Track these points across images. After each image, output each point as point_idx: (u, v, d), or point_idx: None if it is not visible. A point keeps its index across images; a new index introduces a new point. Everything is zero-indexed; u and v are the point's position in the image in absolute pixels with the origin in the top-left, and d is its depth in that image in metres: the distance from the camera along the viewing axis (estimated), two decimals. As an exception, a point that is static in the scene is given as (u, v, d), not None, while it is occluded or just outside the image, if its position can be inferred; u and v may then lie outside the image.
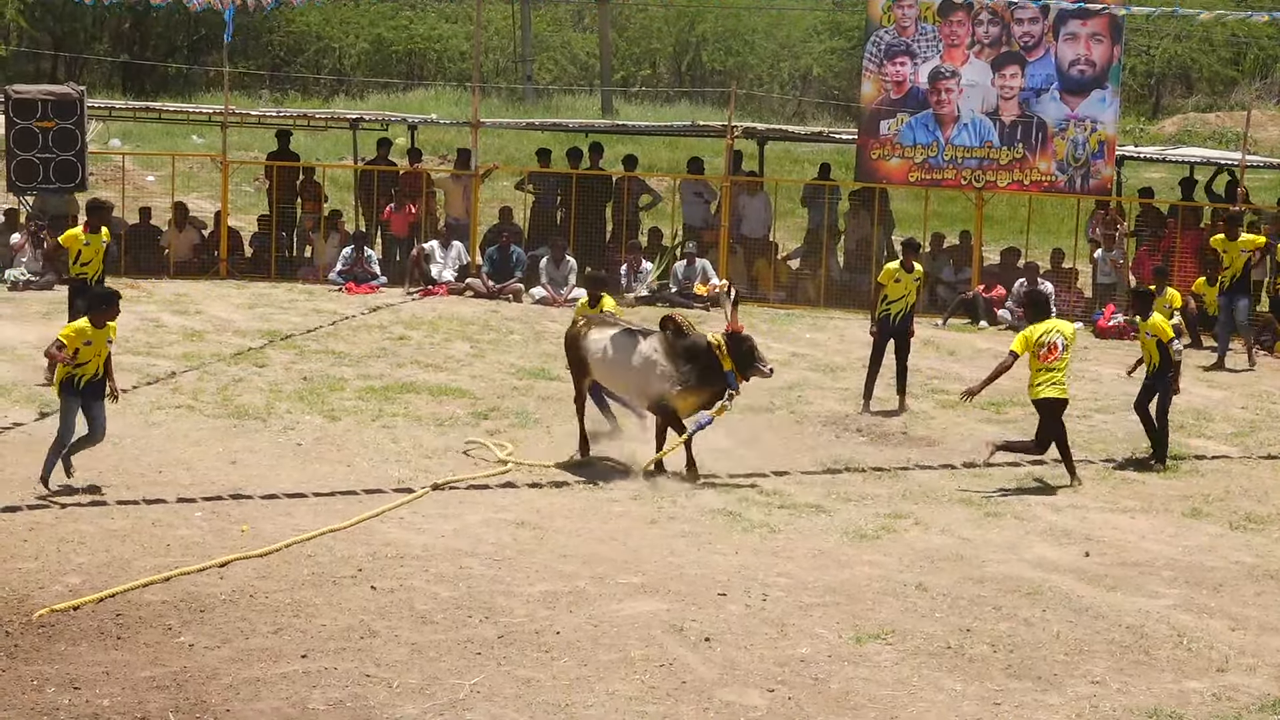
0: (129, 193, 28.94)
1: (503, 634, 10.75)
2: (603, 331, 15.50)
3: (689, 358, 14.94)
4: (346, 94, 47.68)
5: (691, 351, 14.96)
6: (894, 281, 18.05)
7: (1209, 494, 15.03)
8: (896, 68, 25.01)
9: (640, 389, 15.19)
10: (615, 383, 15.58)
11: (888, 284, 18.09)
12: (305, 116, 31.80)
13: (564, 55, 52.49)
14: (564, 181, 26.79)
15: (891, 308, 18.05)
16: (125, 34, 52.41)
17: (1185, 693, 10.12)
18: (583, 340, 15.54)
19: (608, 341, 15.34)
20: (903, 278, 18.06)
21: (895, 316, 18.05)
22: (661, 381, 14.93)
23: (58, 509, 13.26)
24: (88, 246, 17.79)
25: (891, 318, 18.04)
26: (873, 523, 13.69)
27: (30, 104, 24.62)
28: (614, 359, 15.25)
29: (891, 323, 18.05)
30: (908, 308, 18.12)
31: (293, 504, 13.73)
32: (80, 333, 13.72)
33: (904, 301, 18.05)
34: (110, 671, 9.94)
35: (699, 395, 15.00)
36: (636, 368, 15.07)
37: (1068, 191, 25.17)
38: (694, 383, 14.92)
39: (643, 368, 15.02)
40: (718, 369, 14.91)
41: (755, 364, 15.03)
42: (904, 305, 18.06)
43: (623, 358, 15.18)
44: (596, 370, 15.50)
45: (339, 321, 22.39)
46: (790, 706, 9.74)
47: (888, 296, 18.05)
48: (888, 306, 18.05)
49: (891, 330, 18.05)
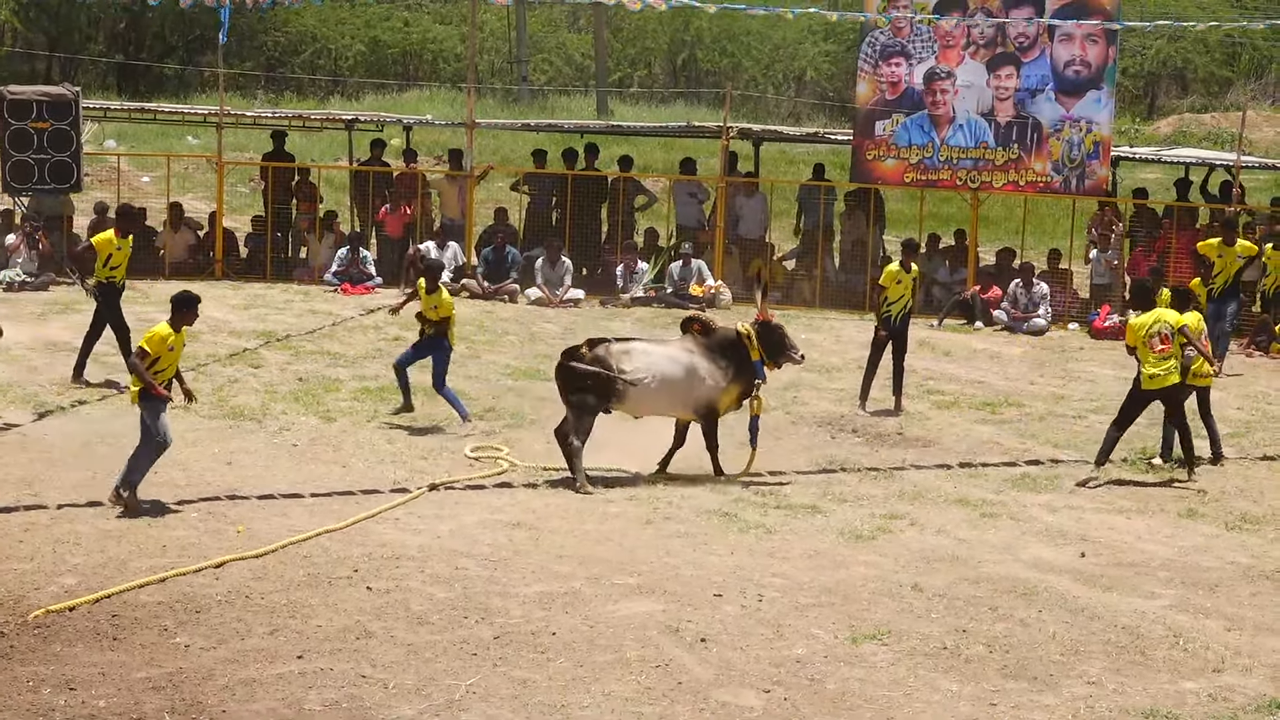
0: (124, 193, 28.90)
1: (499, 635, 10.75)
2: (636, 358, 14.78)
3: (724, 351, 14.98)
4: (342, 95, 47.66)
5: (725, 345, 15.01)
6: (895, 283, 18.11)
7: (1205, 494, 15.04)
8: (892, 68, 25.02)
9: (686, 400, 14.92)
10: (657, 405, 14.97)
11: (889, 285, 18.14)
12: (300, 117, 31.75)
13: (559, 56, 52.47)
14: (559, 182, 26.79)
15: (892, 308, 18.11)
16: (120, 35, 52.35)
17: (1181, 693, 10.13)
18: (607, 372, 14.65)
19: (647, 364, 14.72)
20: (903, 278, 18.12)
21: (895, 317, 18.11)
22: (705, 385, 14.87)
23: (53, 509, 13.26)
24: (119, 251, 17.82)
25: (892, 318, 18.10)
26: (868, 523, 13.69)
27: (25, 105, 24.52)
28: (660, 380, 14.75)
29: (892, 323, 18.10)
30: (906, 308, 18.18)
31: (288, 504, 13.73)
32: (163, 339, 13.38)
33: (903, 302, 18.11)
34: (106, 672, 9.93)
35: (738, 387, 15.06)
36: (682, 380, 14.81)
37: (1063, 192, 25.18)
38: (733, 376, 14.97)
39: (687, 378, 14.83)
40: (749, 360, 14.98)
41: (787, 351, 15.22)
42: (903, 306, 18.12)
43: (669, 374, 14.77)
44: (636, 399, 14.80)
45: (334, 323, 22.38)
46: (786, 707, 9.74)
47: (888, 298, 18.11)
48: (888, 307, 18.12)
49: (891, 331, 18.10)
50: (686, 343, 15.04)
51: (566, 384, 14.75)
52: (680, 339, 15.21)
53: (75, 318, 21.71)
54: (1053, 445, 16.84)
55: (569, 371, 14.72)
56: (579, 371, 14.62)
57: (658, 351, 14.96)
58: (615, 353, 14.76)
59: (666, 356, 14.89)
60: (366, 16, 52.22)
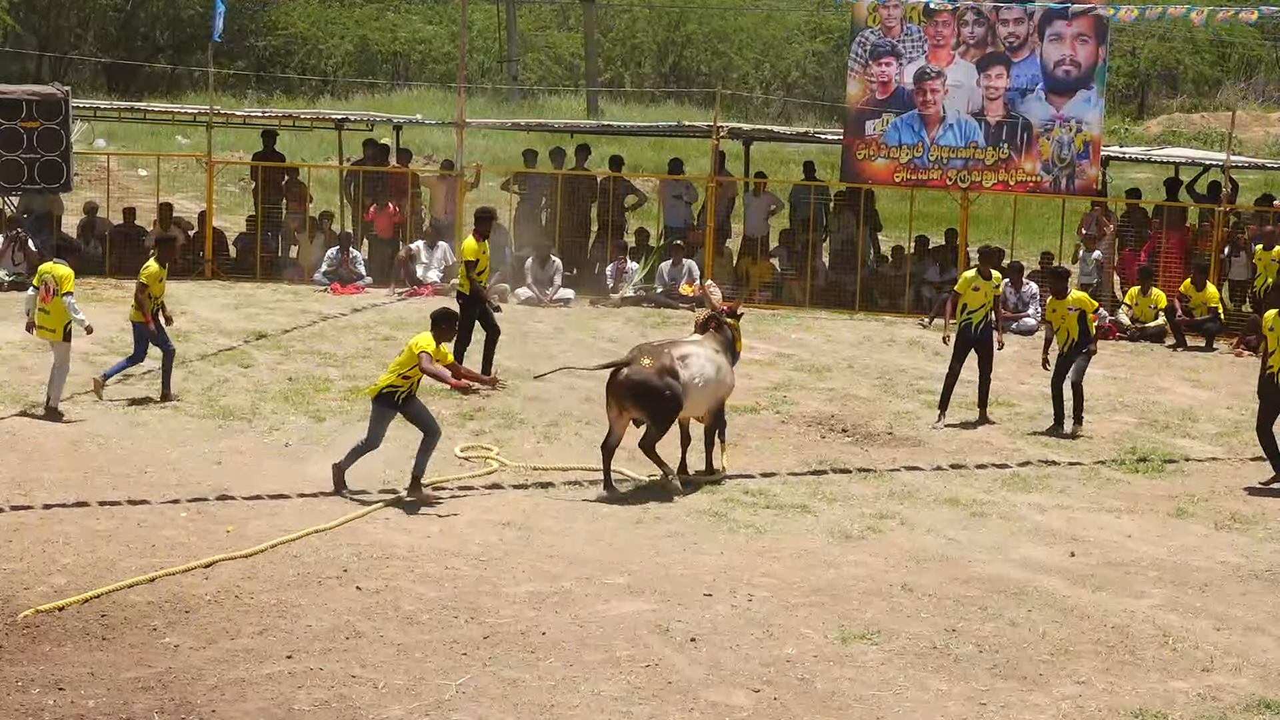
0: (114, 193, 28.87)
1: (489, 634, 10.75)
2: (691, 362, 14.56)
3: (728, 347, 15.20)
4: (332, 95, 47.65)
5: (729, 341, 15.24)
6: (972, 290, 17.62)
7: (1194, 494, 15.06)
8: (882, 68, 25.03)
9: (713, 398, 14.88)
10: (699, 407, 14.83)
11: (965, 292, 17.66)
12: (290, 117, 31.73)
13: (549, 55, 52.48)
14: (549, 182, 26.78)
15: (973, 317, 17.57)
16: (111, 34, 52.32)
17: (1171, 693, 10.14)
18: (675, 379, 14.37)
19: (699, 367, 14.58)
20: (981, 285, 17.62)
21: (976, 326, 17.60)
22: (725, 384, 15.02)
23: (41, 509, 13.24)
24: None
25: (973, 327, 17.60)
26: (859, 523, 13.70)
27: (15, 104, 24.57)
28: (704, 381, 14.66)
29: (973, 332, 17.60)
30: (988, 316, 17.64)
31: (278, 504, 13.71)
32: (442, 352, 13.94)
33: (984, 310, 17.58)
34: (95, 672, 9.92)
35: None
36: (714, 379, 14.79)
37: (1053, 192, 25.20)
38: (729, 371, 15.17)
39: (718, 377, 14.87)
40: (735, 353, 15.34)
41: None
42: (984, 314, 17.59)
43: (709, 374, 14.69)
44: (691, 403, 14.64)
45: (324, 322, 22.36)
46: (776, 707, 9.75)
47: (967, 305, 17.59)
48: (968, 316, 17.58)
49: (973, 340, 17.63)
50: (712, 341, 15.06)
51: (644, 397, 14.31)
52: (697, 340, 15.03)
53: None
54: (1043, 445, 16.84)
55: (642, 386, 14.25)
56: (654, 386, 14.24)
57: (701, 353, 14.78)
58: (676, 359, 14.51)
59: (706, 358, 14.77)
60: (356, 16, 52.22)
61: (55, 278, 16.55)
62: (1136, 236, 25.27)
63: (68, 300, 16.40)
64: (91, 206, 26.79)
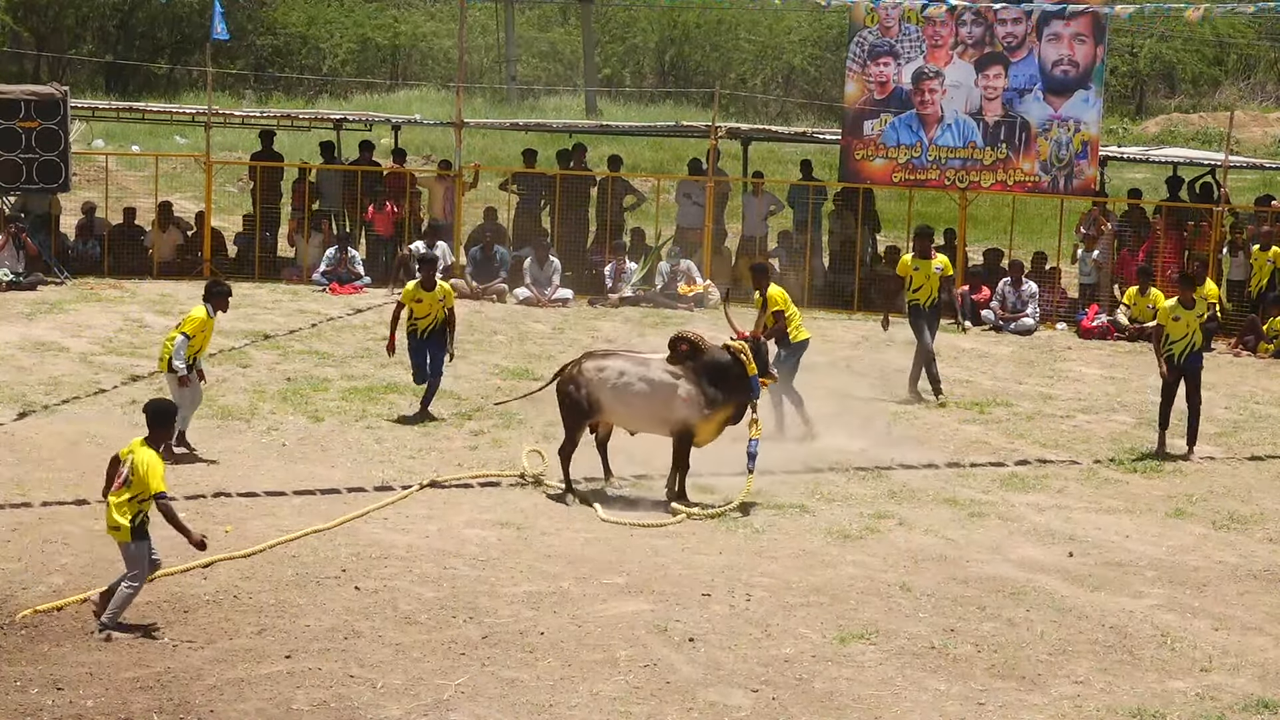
0: (112, 192, 28.87)
1: (487, 634, 10.75)
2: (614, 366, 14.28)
3: (715, 377, 14.07)
4: (331, 95, 47.64)
5: (718, 369, 14.09)
6: (1172, 320, 16.65)
7: (1192, 494, 15.06)
8: (880, 68, 25.04)
9: (661, 417, 14.18)
10: (632, 418, 14.39)
11: (1166, 323, 16.73)
12: (289, 117, 31.73)
13: (548, 55, 52.48)
14: (548, 182, 26.78)
15: (1174, 348, 16.64)
16: (109, 34, 52.31)
17: (1169, 692, 10.14)
18: (588, 378, 14.26)
19: (620, 375, 14.18)
20: (1183, 315, 16.64)
21: (1178, 356, 16.63)
22: (687, 407, 14.02)
23: (40, 509, 13.24)
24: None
25: (1175, 358, 16.65)
26: (857, 523, 13.70)
27: (13, 104, 24.58)
28: (631, 392, 14.15)
29: (1176, 362, 16.66)
30: (1191, 346, 16.66)
31: (276, 504, 13.71)
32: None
33: (1185, 341, 16.60)
34: (94, 672, 9.92)
35: (726, 412, 14.21)
36: (652, 395, 14.09)
37: (1051, 192, 25.21)
38: (722, 401, 14.11)
39: (663, 394, 14.05)
40: (744, 378, 14.10)
41: (770, 366, 14.56)
42: (1186, 344, 16.61)
43: (640, 388, 14.12)
44: (610, 409, 14.32)
45: (323, 322, 22.36)
46: (774, 707, 9.75)
47: (1170, 336, 16.68)
48: (1169, 346, 16.66)
49: (1180, 369, 16.69)
50: (679, 366, 14.13)
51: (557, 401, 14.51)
52: (663, 357, 14.32)
53: (62, 317, 21.74)
54: (1041, 445, 16.85)
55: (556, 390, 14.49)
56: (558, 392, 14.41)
57: (637, 371, 14.26)
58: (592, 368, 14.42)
59: (640, 375, 14.24)
60: (356, 16, 52.21)
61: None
62: (1134, 236, 25.27)
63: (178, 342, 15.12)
64: (89, 206, 26.79)
